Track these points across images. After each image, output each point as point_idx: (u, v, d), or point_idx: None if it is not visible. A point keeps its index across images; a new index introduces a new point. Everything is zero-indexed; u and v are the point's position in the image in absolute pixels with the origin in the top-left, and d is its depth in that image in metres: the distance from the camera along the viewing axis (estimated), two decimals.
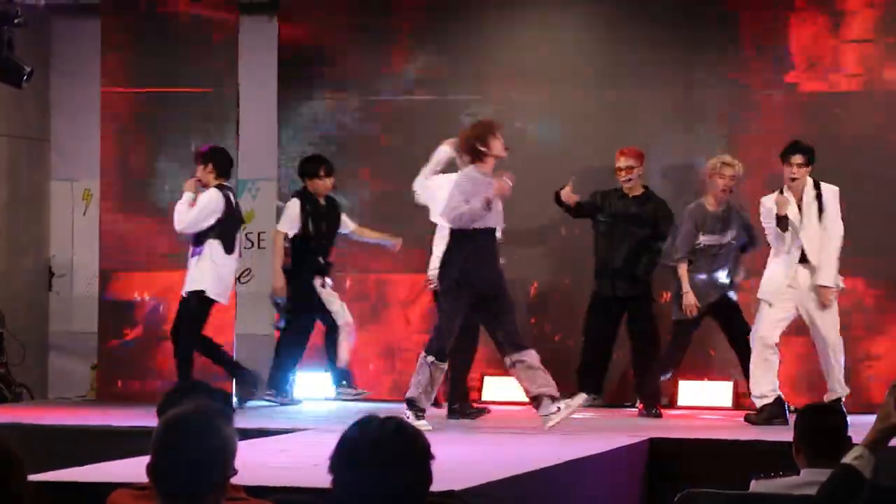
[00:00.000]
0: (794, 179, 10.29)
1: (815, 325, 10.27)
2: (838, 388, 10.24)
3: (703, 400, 11.43)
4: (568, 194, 11.03)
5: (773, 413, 10.10)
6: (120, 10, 11.99)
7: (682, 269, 10.63)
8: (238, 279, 12.36)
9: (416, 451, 3.27)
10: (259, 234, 13.17)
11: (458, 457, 7.56)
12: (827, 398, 10.12)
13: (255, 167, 12.71)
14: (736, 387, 11.42)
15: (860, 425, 4.93)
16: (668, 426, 10.01)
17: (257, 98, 12.45)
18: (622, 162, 11.15)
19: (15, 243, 13.37)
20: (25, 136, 13.46)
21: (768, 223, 10.25)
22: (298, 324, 11.56)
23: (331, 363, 11.51)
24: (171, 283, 11.64)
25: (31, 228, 13.51)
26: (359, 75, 12.35)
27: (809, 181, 10.31)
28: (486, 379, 11.88)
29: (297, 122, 12.47)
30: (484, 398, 11.68)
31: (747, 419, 10.24)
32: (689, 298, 10.59)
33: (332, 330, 11.49)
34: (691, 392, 11.47)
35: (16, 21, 11.77)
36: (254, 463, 6.48)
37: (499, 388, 11.83)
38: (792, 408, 10.92)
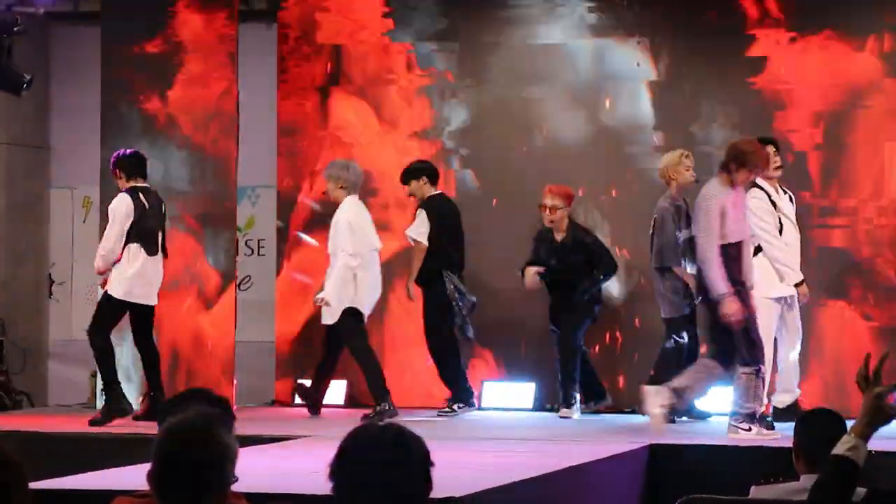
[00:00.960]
0: (780, 167, 10.34)
1: (794, 323, 10.33)
2: (797, 389, 10.38)
3: (701, 405, 11.41)
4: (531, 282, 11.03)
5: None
6: (120, 18, 11.97)
7: (679, 270, 10.62)
8: (238, 286, 12.36)
9: (416, 458, 3.27)
10: (259, 240, 13.16)
11: (457, 463, 7.57)
12: (789, 400, 10.21)
13: (255, 174, 12.71)
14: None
15: None
16: (668, 431, 9.99)
17: (257, 105, 12.45)
18: (547, 200, 11.03)
19: (15, 251, 13.38)
20: (24, 143, 13.47)
21: (764, 222, 10.11)
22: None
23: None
24: (171, 290, 11.65)
25: (30, 236, 13.52)
26: (361, 80, 12.35)
27: None
28: (486, 384, 11.88)
29: (295, 128, 12.46)
30: (483, 404, 11.69)
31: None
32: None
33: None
34: None
35: (15, 29, 11.78)
36: (254, 470, 6.48)
37: (498, 394, 11.83)
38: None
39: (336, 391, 11.85)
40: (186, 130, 11.91)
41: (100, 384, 10.75)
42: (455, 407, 10.95)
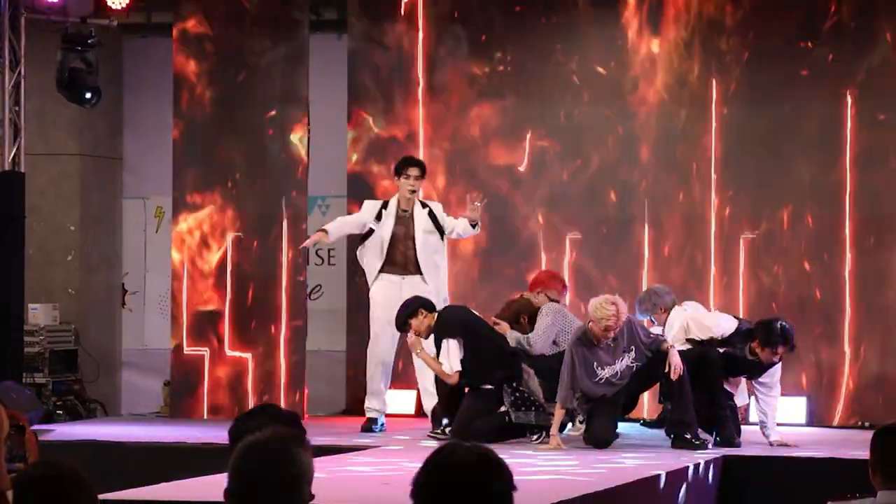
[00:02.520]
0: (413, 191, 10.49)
1: None
2: None
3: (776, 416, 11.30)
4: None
5: None
6: (192, 29, 12.04)
7: None
8: (308, 295, 12.39)
9: (501, 482, 3.21)
10: (329, 250, 13.18)
11: (529, 475, 7.53)
12: None
13: (326, 184, 12.73)
14: (809, 403, 11.33)
15: None
16: (742, 443, 9.90)
17: (327, 115, 12.47)
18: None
19: (88, 261, 13.49)
20: (98, 154, 13.58)
21: None
22: None
23: None
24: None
25: (103, 246, 13.62)
26: (428, 92, 12.34)
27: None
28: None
29: (366, 138, 12.47)
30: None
31: None
32: None
33: None
34: None
35: (89, 41, 11.90)
36: (325, 481, 6.48)
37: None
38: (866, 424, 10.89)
39: (406, 401, 11.85)
40: (257, 141, 11.96)
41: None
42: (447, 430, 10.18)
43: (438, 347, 9.98)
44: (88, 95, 11.94)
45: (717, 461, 8.99)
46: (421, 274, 10.64)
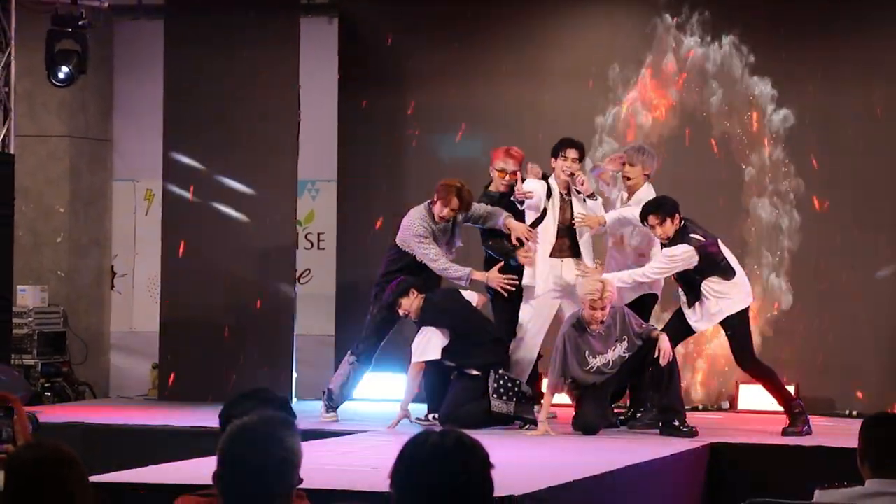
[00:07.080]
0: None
1: None
2: None
3: (764, 404, 11.32)
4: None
5: None
6: (183, 12, 12.04)
7: None
8: (298, 279, 12.39)
9: (477, 462, 3.25)
10: (319, 234, 13.19)
11: (518, 461, 7.55)
12: None
13: (316, 168, 12.73)
14: (797, 390, 11.35)
15: None
16: (730, 431, 9.93)
17: (318, 99, 12.47)
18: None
19: (77, 243, 13.47)
20: (88, 136, 13.56)
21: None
22: None
23: None
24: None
25: (93, 228, 13.61)
26: (420, 75, 12.35)
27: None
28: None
29: (356, 122, 12.47)
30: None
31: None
32: None
33: None
34: (752, 396, 11.38)
35: (80, 23, 11.87)
36: (314, 466, 6.48)
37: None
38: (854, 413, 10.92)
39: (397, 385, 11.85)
40: (247, 124, 11.95)
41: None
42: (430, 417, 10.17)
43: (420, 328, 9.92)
44: (62, 76, 11.89)
45: (704, 448, 9.01)
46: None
